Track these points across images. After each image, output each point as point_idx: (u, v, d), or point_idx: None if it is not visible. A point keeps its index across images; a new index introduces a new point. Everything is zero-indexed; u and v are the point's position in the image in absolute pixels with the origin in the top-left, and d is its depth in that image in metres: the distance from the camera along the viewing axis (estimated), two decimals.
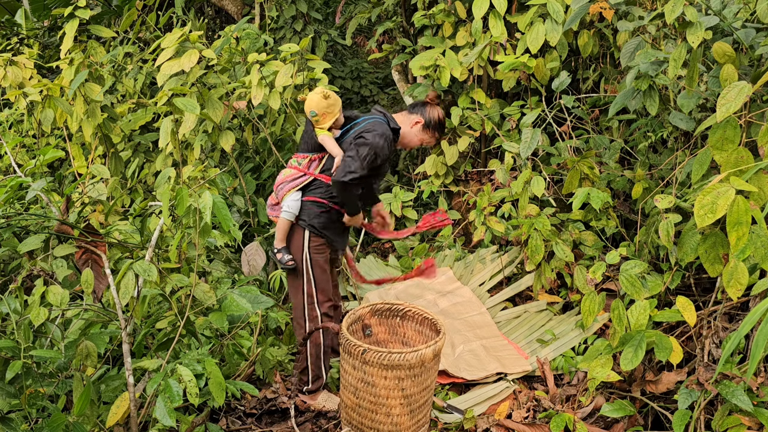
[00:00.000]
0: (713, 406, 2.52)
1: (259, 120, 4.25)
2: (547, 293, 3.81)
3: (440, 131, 3.16)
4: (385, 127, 2.95)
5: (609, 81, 4.20)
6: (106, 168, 2.90)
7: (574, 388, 3.05)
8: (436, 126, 3.12)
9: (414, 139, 3.14)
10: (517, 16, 4.10)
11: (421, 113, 3.12)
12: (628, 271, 2.65)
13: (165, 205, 2.35)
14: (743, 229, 2.04)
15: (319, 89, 3.01)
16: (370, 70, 7.46)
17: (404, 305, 2.97)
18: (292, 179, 3.02)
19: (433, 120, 3.11)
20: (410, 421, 2.64)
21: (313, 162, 3.04)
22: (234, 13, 6.68)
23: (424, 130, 3.12)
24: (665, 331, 3.13)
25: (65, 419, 2.06)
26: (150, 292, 2.52)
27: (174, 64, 3.48)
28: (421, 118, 3.10)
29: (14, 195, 2.63)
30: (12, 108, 5.41)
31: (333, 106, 2.98)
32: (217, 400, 2.24)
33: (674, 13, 2.55)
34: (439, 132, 3.15)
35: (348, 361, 2.62)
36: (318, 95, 2.97)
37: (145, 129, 4.85)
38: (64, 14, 4.06)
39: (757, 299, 2.64)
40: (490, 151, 4.73)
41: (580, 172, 3.56)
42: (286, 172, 3.07)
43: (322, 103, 2.96)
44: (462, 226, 4.65)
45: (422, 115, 3.11)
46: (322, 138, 2.98)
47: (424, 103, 3.15)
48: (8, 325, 2.26)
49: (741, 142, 2.35)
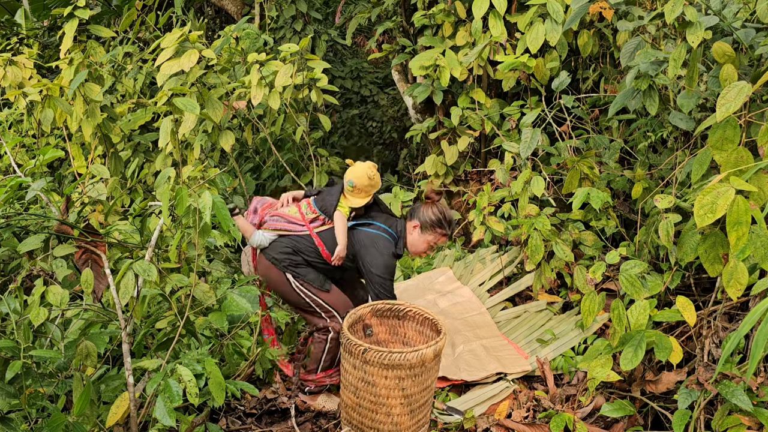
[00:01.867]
0: (713, 406, 2.52)
1: (259, 120, 4.25)
2: (547, 293, 3.81)
3: (443, 227, 3.03)
4: (393, 251, 2.97)
5: (609, 81, 4.20)
6: (105, 168, 2.90)
7: (574, 388, 3.05)
8: (434, 224, 3.01)
9: (420, 244, 3.06)
10: (516, 16, 4.10)
11: (416, 216, 3.05)
12: (628, 271, 2.65)
13: (165, 205, 2.35)
14: (743, 229, 2.04)
15: (368, 166, 2.95)
16: (370, 70, 7.47)
17: (405, 305, 2.97)
18: (290, 222, 2.97)
19: (429, 219, 3.01)
20: (410, 421, 2.64)
21: (317, 221, 2.98)
22: (234, 13, 6.68)
23: (424, 232, 3.03)
24: (665, 331, 3.13)
25: (65, 419, 2.06)
26: (150, 292, 2.52)
27: (174, 64, 3.48)
28: (417, 222, 3.04)
29: (14, 195, 2.63)
30: (12, 108, 5.41)
31: (371, 188, 2.98)
32: (217, 400, 2.24)
33: (674, 13, 2.55)
34: (441, 228, 3.03)
35: (348, 360, 2.62)
36: (363, 171, 2.92)
37: (145, 129, 4.86)
38: (64, 14, 4.06)
39: (756, 299, 2.64)
40: (490, 151, 4.73)
41: (580, 172, 3.56)
42: (291, 210, 3.02)
43: (364, 180, 2.93)
44: (462, 226, 4.65)
45: (417, 218, 3.04)
46: (337, 215, 2.93)
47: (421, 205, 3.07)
48: (8, 325, 2.26)
49: (741, 142, 2.35)
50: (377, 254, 2.93)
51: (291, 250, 2.93)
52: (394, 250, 2.99)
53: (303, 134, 4.32)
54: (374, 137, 6.89)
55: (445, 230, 3.04)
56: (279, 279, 2.95)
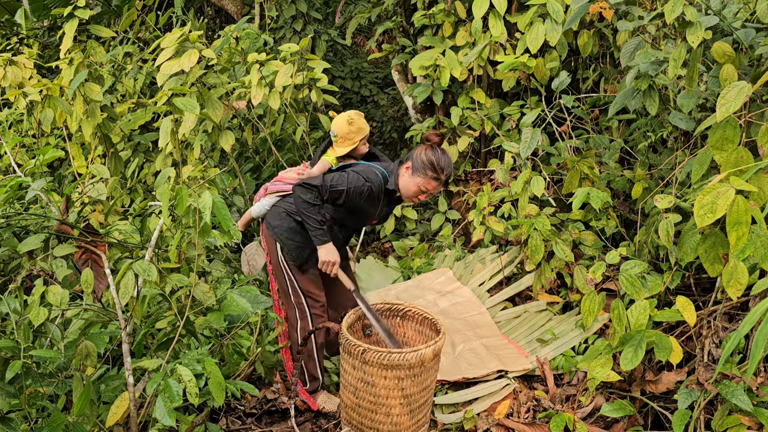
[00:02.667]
0: (713, 406, 2.52)
1: (259, 120, 4.25)
2: (547, 293, 3.81)
3: (434, 171, 2.81)
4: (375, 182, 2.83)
5: (609, 81, 4.19)
6: (105, 168, 2.89)
7: (574, 388, 3.05)
8: (425, 166, 2.81)
9: (411, 186, 2.87)
10: (517, 16, 4.10)
11: (410, 158, 2.88)
12: (628, 271, 2.65)
13: (165, 205, 2.35)
14: (743, 229, 2.04)
15: (348, 113, 2.99)
16: (370, 70, 7.47)
17: (404, 305, 2.97)
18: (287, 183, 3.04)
19: (420, 162, 2.82)
20: (410, 421, 2.64)
21: None
22: (234, 13, 6.69)
23: (415, 174, 2.84)
24: (665, 331, 3.13)
25: (65, 419, 2.06)
26: (150, 292, 2.52)
27: (174, 64, 3.48)
28: (410, 163, 2.86)
29: (14, 195, 2.63)
30: (12, 108, 5.41)
31: (354, 134, 2.97)
32: (217, 400, 2.24)
33: (674, 13, 2.55)
34: (433, 171, 2.81)
35: (348, 360, 2.62)
36: (343, 118, 2.96)
37: (145, 129, 4.86)
38: (64, 14, 4.06)
39: (757, 299, 2.64)
40: (490, 151, 4.73)
41: (580, 172, 3.56)
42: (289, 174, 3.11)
43: (344, 127, 2.96)
44: (462, 226, 4.65)
45: (410, 160, 2.87)
46: (322, 159, 3.01)
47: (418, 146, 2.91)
48: (8, 325, 2.26)
49: (741, 141, 2.35)
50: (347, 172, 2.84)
51: (286, 213, 2.95)
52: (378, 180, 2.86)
53: (303, 134, 4.32)
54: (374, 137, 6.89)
55: (436, 174, 2.82)
56: (272, 249, 2.98)
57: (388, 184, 2.91)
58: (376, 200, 2.90)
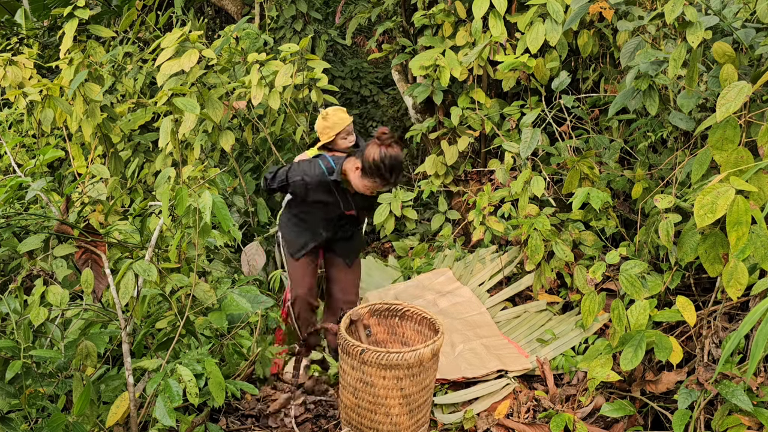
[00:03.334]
0: (713, 406, 2.52)
1: (259, 120, 4.25)
2: (547, 293, 3.81)
3: (382, 177, 2.71)
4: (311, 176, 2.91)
5: (609, 81, 4.19)
6: (105, 168, 2.90)
7: (574, 388, 3.05)
8: (372, 171, 2.71)
9: (360, 185, 2.84)
10: (517, 16, 4.09)
11: (360, 157, 2.77)
12: (628, 271, 2.65)
13: (165, 205, 2.35)
14: (743, 229, 2.04)
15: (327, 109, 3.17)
16: (370, 70, 7.46)
17: (403, 305, 2.97)
18: None
19: (368, 166, 2.72)
20: (409, 421, 2.64)
21: None
22: (234, 13, 6.68)
23: (363, 176, 2.77)
24: (665, 331, 3.12)
25: (65, 419, 2.06)
26: (150, 292, 2.52)
27: (174, 64, 3.48)
28: (360, 163, 2.77)
29: (14, 195, 2.63)
30: (12, 108, 5.41)
31: (329, 129, 3.12)
32: (217, 400, 2.24)
33: (674, 13, 2.55)
34: (381, 178, 2.72)
35: (347, 361, 2.62)
36: (320, 115, 3.15)
37: (145, 129, 4.85)
38: (64, 14, 4.06)
39: (757, 299, 2.64)
40: (490, 151, 4.73)
41: (579, 172, 3.56)
42: None
43: (319, 122, 3.16)
44: (462, 226, 4.65)
45: (360, 159, 2.77)
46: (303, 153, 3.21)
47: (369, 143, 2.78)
48: (8, 325, 2.26)
49: (741, 142, 2.35)
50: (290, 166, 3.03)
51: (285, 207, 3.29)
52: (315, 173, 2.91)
53: (303, 134, 4.32)
54: None
55: (384, 180, 2.74)
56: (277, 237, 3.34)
57: (333, 175, 2.92)
58: (324, 191, 2.97)
